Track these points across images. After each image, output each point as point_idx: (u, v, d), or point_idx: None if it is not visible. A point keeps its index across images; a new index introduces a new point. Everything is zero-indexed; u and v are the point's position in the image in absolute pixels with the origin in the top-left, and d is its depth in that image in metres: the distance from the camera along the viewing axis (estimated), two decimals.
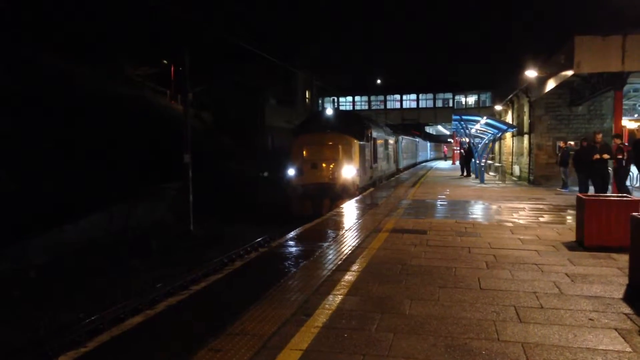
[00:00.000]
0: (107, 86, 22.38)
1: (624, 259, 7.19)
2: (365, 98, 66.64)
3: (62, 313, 10.21)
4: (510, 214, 13.22)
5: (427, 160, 64.30)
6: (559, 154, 20.87)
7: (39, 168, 16.49)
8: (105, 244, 16.26)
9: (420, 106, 64.87)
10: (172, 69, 32.13)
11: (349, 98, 66.78)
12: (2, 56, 16.93)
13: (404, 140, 42.29)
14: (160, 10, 26.18)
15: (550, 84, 19.64)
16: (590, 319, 5.21)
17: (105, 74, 23.43)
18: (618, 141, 14.99)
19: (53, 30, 20.95)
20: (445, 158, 69.60)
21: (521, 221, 12.00)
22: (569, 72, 16.25)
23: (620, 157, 14.64)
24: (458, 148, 43.27)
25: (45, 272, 13.27)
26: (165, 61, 33.53)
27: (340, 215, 14.46)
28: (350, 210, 15.36)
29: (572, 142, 21.69)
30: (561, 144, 21.12)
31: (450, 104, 64.61)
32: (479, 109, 56.70)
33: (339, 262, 7.79)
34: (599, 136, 16.11)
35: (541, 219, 12.33)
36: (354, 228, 11.39)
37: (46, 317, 9.89)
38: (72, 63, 20.74)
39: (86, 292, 11.79)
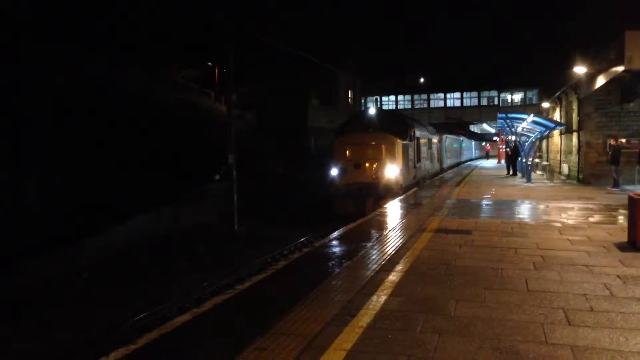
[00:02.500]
0: (153, 89, 22.85)
1: None
2: (408, 97, 66.17)
3: (112, 312, 10.49)
4: (559, 214, 12.92)
5: (471, 160, 63.36)
6: (610, 152, 20.29)
7: (90, 171, 16.96)
8: (152, 244, 16.61)
9: (464, 104, 64.01)
10: (216, 70, 32.58)
11: (392, 97, 66.43)
12: (54, 60, 17.47)
13: (448, 139, 41.81)
14: (203, 13, 26.64)
15: (600, 81, 19.12)
16: None
17: (151, 78, 23.93)
18: None
19: (100, 34, 21.51)
20: (488, 157, 68.43)
21: (570, 221, 11.72)
22: (620, 68, 15.81)
23: None
24: (504, 147, 42.49)
25: (97, 273, 13.65)
26: (209, 63, 34.02)
27: (383, 215, 14.41)
28: (393, 210, 15.29)
29: (623, 140, 21.04)
30: (612, 141, 20.51)
31: (495, 102, 63.52)
32: (525, 107, 55.57)
33: (383, 263, 7.77)
34: None
35: (591, 219, 12.01)
36: (398, 228, 11.33)
37: (98, 316, 10.18)
38: (117, 66, 21.26)
39: (135, 292, 12.08)
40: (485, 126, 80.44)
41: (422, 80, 63.89)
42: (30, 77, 16.04)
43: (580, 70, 20.51)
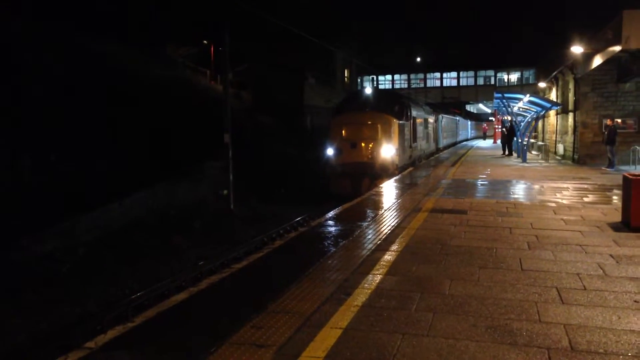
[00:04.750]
0: (149, 67, 22.70)
1: None
2: (404, 77, 65.92)
3: (109, 289, 10.55)
4: (554, 194, 12.97)
5: (467, 139, 63.32)
6: (605, 132, 20.31)
7: (85, 149, 16.91)
8: (149, 222, 16.64)
9: (460, 84, 63.81)
10: (212, 49, 32.33)
11: (389, 77, 66.16)
12: (51, 40, 17.34)
13: (444, 119, 41.73)
14: None
15: (597, 60, 19.07)
16: (635, 301, 5.12)
17: (148, 56, 23.76)
18: None
19: (98, 13, 21.32)
20: (485, 137, 68.43)
21: (565, 201, 11.78)
22: (617, 48, 15.76)
23: None
24: (500, 127, 42.48)
25: (93, 250, 13.69)
26: (205, 41, 33.73)
27: (379, 194, 14.44)
28: (389, 190, 15.32)
29: (619, 120, 21.06)
30: (608, 121, 20.52)
31: (492, 82, 63.34)
32: (521, 87, 55.48)
33: (379, 242, 7.81)
34: None
35: (585, 199, 12.08)
36: (393, 208, 11.37)
37: (94, 293, 10.24)
38: (115, 45, 21.11)
39: (132, 269, 12.14)
40: (481, 106, 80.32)
41: (418, 59, 63.56)
42: (28, 54, 15.93)
43: (577, 49, 20.43)
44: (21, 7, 17.23)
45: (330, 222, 10.87)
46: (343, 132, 20.52)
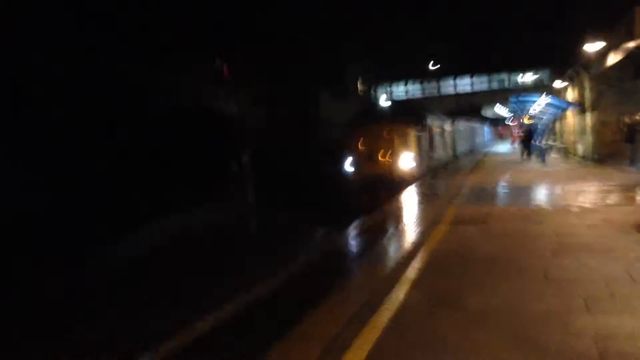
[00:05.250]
0: (175, 93, 22.93)
1: None
2: (418, 86, 65.75)
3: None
4: (575, 197, 12.82)
5: (485, 144, 63.02)
6: (625, 130, 20.04)
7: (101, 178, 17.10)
8: (165, 250, 16.73)
9: (475, 89, 63.45)
10: (225, 67, 32.62)
11: (402, 87, 66.07)
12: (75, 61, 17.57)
13: (460, 125, 41.58)
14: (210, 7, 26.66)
15: (612, 58, 18.90)
16: None
17: (166, 76, 23.99)
18: None
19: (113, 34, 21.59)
20: (501, 141, 68.00)
21: (587, 204, 11.63)
22: (630, 44, 15.61)
23: None
24: (517, 130, 42.18)
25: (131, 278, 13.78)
26: (218, 59, 34.03)
27: (399, 206, 14.41)
28: (409, 201, 15.28)
29: (638, 117, 20.78)
30: (626, 119, 20.25)
31: (506, 85, 62.91)
32: (537, 88, 54.92)
33: (400, 256, 7.79)
34: None
35: (608, 201, 11.93)
36: (414, 219, 11.35)
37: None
38: (128, 64, 21.33)
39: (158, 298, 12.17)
40: (497, 110, 79.87)
41: (431, 67, 63.40)
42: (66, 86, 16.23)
43: (591, 47, 20.26)
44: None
45: (351, 237, 10.87)
46: (360, 144, 20.59)
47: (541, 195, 14.20)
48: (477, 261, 7.25)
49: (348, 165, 20.48)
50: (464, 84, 63.85)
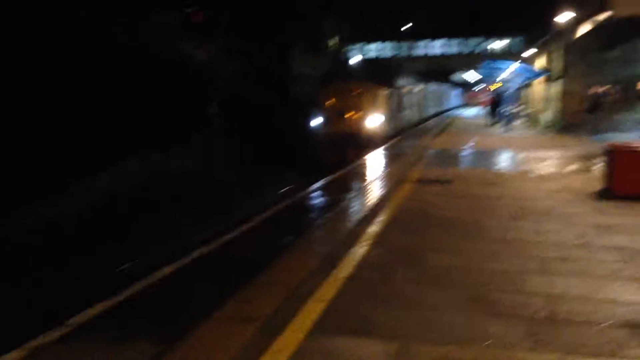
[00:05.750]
0: (132, 34, 22.26)
1: None
2: (391, 45, 65.34)
3: (95, 263, 10.53)
4: (537, 163, 13.08)
5: (454, 108, 63.51)
6: (589, 100, 20.41)
7: (66, 119, 16.66)
8: (133, 193, 16.55)
9: (448, 52, 63.41)
10: (200, 15, 31.75)
11: (375, 45, 65.57)
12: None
13: (431, 87, 41.72)
14: None
15: (584, 28, 19.05)
16: (614, 270, 5.22)
17: (129, 22, 23.26)
18: None
19: None
20: (471, 105, 68.71)
21: (548, 170, 11.89)
22: (604, 15, 15.73)
23: None
24: (486, 95, 42.52)
25: (77, 223, 13.61)
26: (191, 7, 33.08)
27: (365, 165, 14.49)
28: (375, 160, 15.37)
29: (603, 88, 21.13)
30: (592, 89, 20.59)
31: (480, 50, 63.01)
32: (508, 55, 55.19)
33: (364, 214, 7.87)
34: None
35: (569, 168, 12.20)
36: (379, 178, 11.43)
37: (80, 268, 10.21)
38: (92, 11, 20.57)
39: (119, 240, 12.10)
40: (468, 74, 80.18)
41: (405, 27, 62.94)
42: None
43: (564, 17, 20.38)
44: None
45: (317, 194, 10.93)
46: (330, 101, 20.48)
47: (505, 160, 14.44)
48: (439, 220, 7.38)
49: (318, 121, 20.40)
50: (437, 46, 63.73)
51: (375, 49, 65.46)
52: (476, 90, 72.05)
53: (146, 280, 6.38)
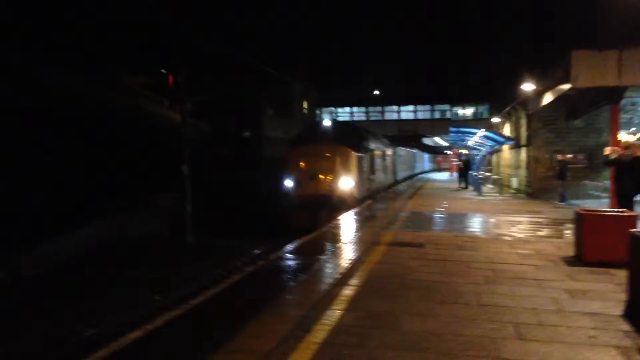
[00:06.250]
0: (103, 95, 22.31)
1: (622, 275, 7.15)
2: (363, 109, 66.76)
3: (58, 327, 10.13)
4: (509, 228, 13.20)
5: (424, 172, 64.46)
6: (557, 167, 20.93)
7: (32, 178, 16.38)
8: (99, 256, 16.18)
9: (418, 117, 64.99)
10: (170, 78, 32.11)
11: (347, 109, 66.88)
12: None
13: (402, 151, 42.35)
14: (157, 21, 26.28)
15: (548, 98, 19.72)
16: (590, 337, 5.19)
17: (101, 83, 23.38)
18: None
19: (46, 35, 20.86)
20: (440, 169, 69.93)
21: (520, 235, 11.99)
22: (567, 86, 16.32)
23: None
24: (456, 160, 43.36)
25: (39, 286, 13.19)
26: (163, 71, 33.49)
27: (338, 227, 14.43)
28: (348, 223, 15.34)
29: (570, 155, 21.73)
30: (559, 156, 21.18)
31: (448, 116, 64.73)
32: (476, 121, 56.79)
33: (338, 277, 7.76)
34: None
35: (540, 233, 12.33)
36: (353, 241, 11.37)
37: (41, 332, 9.82)
38: (65, 70, 20.64)
39: (81, 305, 11.71)
40: (438, 139, 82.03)
41: (377, 92, 64.57)
42: None
43: (528, 87, 21.12)
44: None
45: (289, 256, 10.78)
46: (301, 163, 20.52)
47: (477, 224, 14.55)
48: (413, 283, 7.31)
49: (289, 183, 20.39)
50: (407, 111, 65.32)
51: (345, 113, 66.81)
52: (446, 154, 73.52)
53: (113, 345, 6.10)
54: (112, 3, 25.05)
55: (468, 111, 65.33)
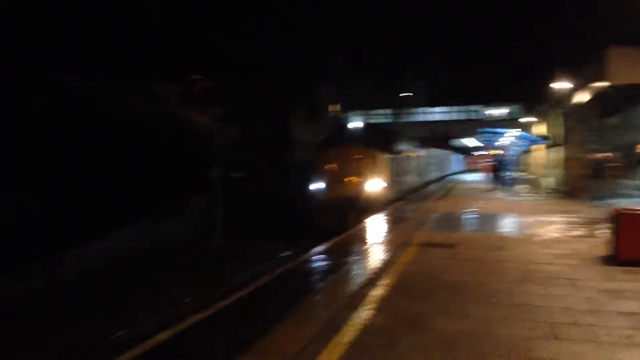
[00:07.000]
0: (135, 104, 22.68)
1: None
2: (391, 111, 66.42)
3: (89, 330, 10.28)
4: (543, 228, 12.94)
5: (455, 173, 63.85)
6: (593, 166, 20.47)
7: (72, 186, 16.71)
8: (131, 260, 16.38)
9: (449, 119, 64.38)
10: (199, 84, 32.45)
11: (377, 111, 66.65)
12: (26, 74, 17.23)
13: (432, 152, 42.02)
14: (187, 29, 26.62)
15: (583, 96, 19.35)
16: (627, 337, 5.04)
17: (132, 92, 23.77)
18: None
19: (79, 48, 21.32)
20: (472, 170, 69.11)
21: (554, 235, 11.74)
22: (604, 83, 15.97)
23: None
24: (488, 160, 42.82)
25: (72, 289, 13.41)
26: (194, 77, 33.86)
27: (367, 229, 14.36)
28: (378, 224, 15.25)
29: (606, 154, 21.23)
30: (595, 155, 20.70)
31: (480, 116, 63.98)
32: (509, 121, 56.04)
33: (368, 277, 7.70)
34: None
35: (575, 233, 12.05)
36: (383, 242, 11.30)
37: (75, 334, 9.97)
38: (96, 81, 21.05)
39: (113, 308, 11.86)
40: (469, 140, 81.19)
41: (407, 94, 64.27)
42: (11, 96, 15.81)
43: (563, 85, 20.73)
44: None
45: (319, 257, 10.76)
46: (330, 166, 20.50)
47: (509, 224, 14.31)
48: (445, 284, 7.21)
49: (318, 186, 20.37)
50: (438, 112, 64.79)
51: (375, 115, 66.59)
52: (477, 155, 72.63)
53: (140, 348, 6.16)
54: (134, 8, 25.47)
55: (500, 111, 64.49)
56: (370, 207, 19.61)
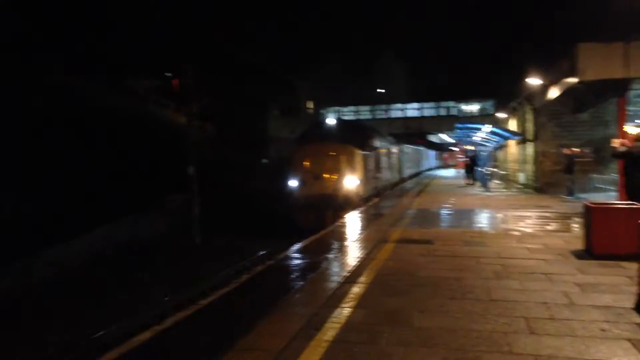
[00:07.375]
0: (109, 99, 22.37)
1: (633, 268, 7.08)
2: (368, 108, 66.63)
3: (69, 329, 10.17)
4: (517, 223, 13.15)
5: (431, 169, 64.43)
6: (564, 161, 20.81)
7: (40, 183, 16.45)
8: (110, 258, 16.23)
9: (423, 115, 64.78)
10: (175, 81, 32.16)
11: (352, 108, 66.78)
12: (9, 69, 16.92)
13: (408, 149, 42.30)
14: (163, 23, 26.34)
15: (554, 92, 19.61)
16: (602, 330, 5.16)
17: (107, 87, 23.45)
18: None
19: (53, 42, 20.95)
20: (447, 166, 69.81)
21: (528, 229, 11.94)
22: (573, 80, 16.22)
23: None
24: (462, 156, 43.27)
25: (53, 288, 13.25)
26: (168, 74, 33.53)
27: (345, 226, 14.42)
28: (355, 221, 15.32)
29: (577, 149, 21.60)
30: (566, 150, 21.04)
31: (453, 112, 64.52)
32: (482, 117, 56.58)
33: (347, 274, 7.75)
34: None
35: (548, 227, 12.27)
36: (360, 239, 11.35)
37: (54, 333, 9.86)
38: (71, 75, 20.71)
39: (93, 307, 11.75)
40: (443, 136, 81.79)
41: (381, 90, 64.50)
42: None
43: (534, 81, 21.03)
44: None
45: (297, 255, 10.78)
46: (306, 163, 20.46)
47: (485, 219, 14.50)
48: (423, 280, 7.29)
49: (294, 183, 20.35)
50: (412, 109, 65.14)
51: (350, 112, 66.72)
52: (452, 151, 73.39)
53: (124, 347, 6.12)
54: (114, 3, 25.13)
55: (473, 107, 65.07)
56: (348, 204, 19.67)
